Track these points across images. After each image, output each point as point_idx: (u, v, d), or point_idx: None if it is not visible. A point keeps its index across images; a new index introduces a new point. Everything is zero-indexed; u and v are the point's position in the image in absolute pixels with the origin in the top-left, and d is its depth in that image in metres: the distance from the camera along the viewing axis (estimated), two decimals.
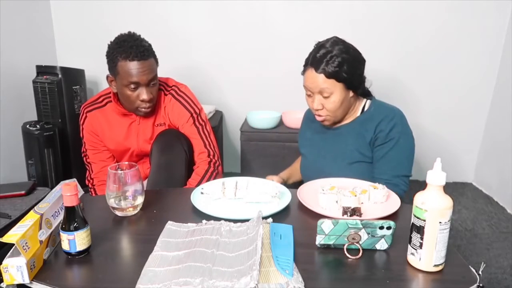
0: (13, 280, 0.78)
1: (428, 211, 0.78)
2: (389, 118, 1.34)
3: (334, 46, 1.30)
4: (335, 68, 1.28)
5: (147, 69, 1.42)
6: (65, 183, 0.90)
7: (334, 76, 1.29)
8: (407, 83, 2.61)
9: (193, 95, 1.61)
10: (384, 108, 1.39)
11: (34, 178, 2.16)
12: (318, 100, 1.34)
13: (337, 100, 1.32)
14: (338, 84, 1.30)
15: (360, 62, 1.36)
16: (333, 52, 1.29)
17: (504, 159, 2.39)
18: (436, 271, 0.81)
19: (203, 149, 1.56)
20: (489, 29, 2.47)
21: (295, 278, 0.76)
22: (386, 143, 1.33)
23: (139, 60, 1.40)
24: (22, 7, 2.31)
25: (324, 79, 1.30)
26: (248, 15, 2.55)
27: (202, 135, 1.57)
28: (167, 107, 1.57)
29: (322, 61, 1.29)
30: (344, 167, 1.35)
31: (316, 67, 1.30)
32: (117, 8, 2.56)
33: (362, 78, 1.38)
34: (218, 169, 1.56)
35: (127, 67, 1.40)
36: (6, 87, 2.16)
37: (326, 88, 1.30)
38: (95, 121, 1.57)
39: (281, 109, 2.50)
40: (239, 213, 1.05)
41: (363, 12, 2.48)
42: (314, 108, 1.37)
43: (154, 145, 1.52)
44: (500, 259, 1.81)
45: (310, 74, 1.32)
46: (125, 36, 1.45)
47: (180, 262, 0.82)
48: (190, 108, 1.57)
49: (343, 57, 1.29)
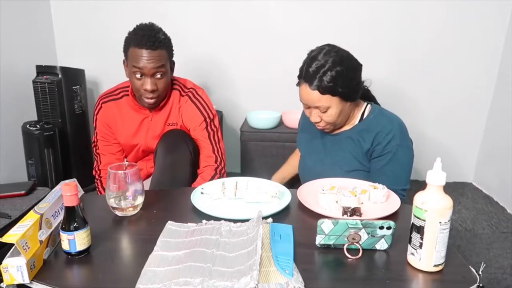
0: (13, 280, 0.78)
1: (428, 211, 0.78)
2: (387, 130, 1.30)
3: (327, 58, 1.25)
4: (329, 84, 1.24)
5: (153, 59, 1.42)
6: (65, 183, 0.90)
7: (329, 92, 1.25)
8: (407, 83, 2.61)
9: (209, 100, 1.62)
10: (383, 118, 1.34)
11: (34, 178, 2.16)
12: (316, 113, 1.32)
13: (333, 113, 1.29)
14: (334, 98, 1.27)
15: (355, 70, 1.31)
16: (326, 66, 1.24)
17: (504, 159, 2.39)
18: (436, 271, 0.81)
19: (211, 154, 1.56)
20: (489, 30, 2.47)
21: (295, 278, 0.76)
22: (383, 156, 1.30)
23: (147, 49, 1.41)
24: (22, 7, 2.31)
25: (318, 95, 1.26)
26: (248, 15, 2.55)
27: (212, 141, 1.57)
28: (182, 108, 1.57)
29: (315, 77, 1.25)
30: (342, 175, 1.30)
31: (310, 83, 1.26)
32: (117, 8, 2.56)
33: (359, 85, 1.33)
34: (224, 176, 1.56)
35: (135, 53, 1.43)
36: (6, 87, 2.16)
37: (322, 105, 1.28)
38: (109, 113, 1.57)
39: (281, 109, 2.50)
40: (239, 213, 1.05)
41: (363, 13, 2.48)
42: (314, 121, 1.35)
43: (159, 145, 1.52)
44: (500, 259, 1.82)
45: (305, 90, 1.29)
46: (144, 25, 1.48)
47: (180, 262, 0.82)
48: (205, 112, 1.57)
49: (337, 70, 1.24)
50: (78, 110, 2.33)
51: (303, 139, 1.53)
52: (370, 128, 1.33)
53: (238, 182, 1.18)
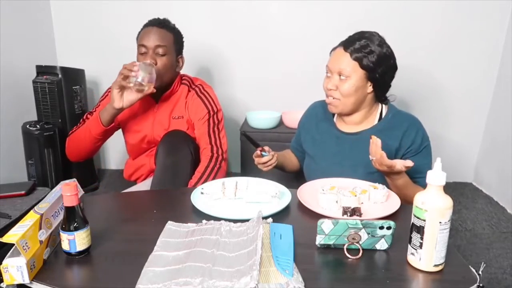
0: (13, 280, 0.78)
1: (428, 211, 0.79)
2: (415, 127, 1.35)
3: (373, 36, 1.32)
4: (363, 53, 1.28)
5: (157, 36, 1.50)
6: (65, 183, 0.90)
7: (359, 60, 1.28)
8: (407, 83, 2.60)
9: (215, 96, 1.67)
10: (404, 115, 1.39)
11: (34, 178, 2.16)
12: (334, 81, 1.33)
13: (352, 84, 1.30)
14: (360, 70, 1.29)
15: (388, 63, 1.33)
16: (368, 39, 1.30)
17: (504, 159, 2.39)
18: (436, 271, 0.81)
19: (207, 145, 1.58)
20: (489, 29, 2.47)
21: (295, 278, 0.76)
22: (421, 152, 1.35)
23: (153, 26, 1.51)
24: (22, 7, 2.31)
25: (348, 59, 1.29)
26: (248, 15, 2.55)
27: (211, 132, 1.60)
28: (189, 102, 1.62)
29: (355, 43, 1.30)
30: (365, 176, 1.27)
31: (346, 46, 1.31)
32: (117, 8, 2.56)
33: (388, 82, 1.37)
34: (221, 164, 1.56)
35: (143, 32, 1.53)
36: (6, 87, 2.16)
37: (345, 70, 1.29)
38: None
39: (281, 109, 2.50)
40: (239, 213, 1.05)
41: (363, 13, 2.48)
42: (328, 88, 1.35)
43: (160, 146, 1.52)
44: (500, 259, 1.81)
45: (338, 52, 1.33)
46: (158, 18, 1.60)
47: (180, 262, 0.82)
48: (209, 105, 1.62)
49: (376, 48, 1.29)
50: (78, 110, 2.32)
51: (310, 140, 1.49)
52: (395, 126, 1.36)
53: (238, 182, 1.18)
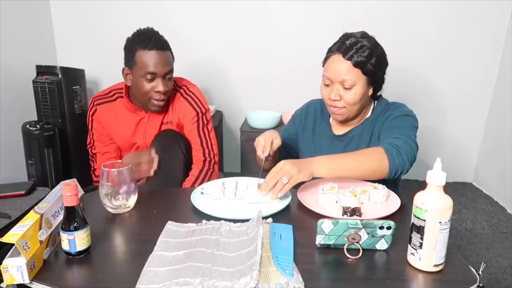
0: (13, 280, 0.78)
1: (428, 211, 0.78)
2: (394, 105, 1.33)
3: (364, 38, 1.26)
4: (364, 58, 1.22)
5: (165, 60, 1.44)
6: (65, 183, 0.90)
7: (361, 66, 1.23)
8: (407, 83, 2.61)
9: (202, 95, 1.63)
10: (391, 103, 1.37)
11: (34, 178, 2.16)
12: (337, 91, 1.26)
13: (358, 93, 1.25)
14: (363, 76, 1.24)
15: (385, 62, 1.31)
16: (363, 42, 1.24)
17: (504, 159, 2.39)
18: (436, 271, 0.81)
19: (199, 148, 1.57)
20: (489, 30, 2.47)
21: (295, 278, 0.76)
22: (392, 120, 1.29)
23: (157, 50, 1.42)
24: (22, 7, 2.31)
25: (350, 67, 1.23)
26: (248, 15, 2.55)
27: (201, 134, 1.58)
28: (175, 105, 1.59)
29: (352, 48, 1.23)
30: None
31: (344, 53, 1.23)
32: (117, 8, 2.56)
33: (383, 80, 1.34)
34: (214, 167, 1.56)
35: (145, 56, 1.41)
36: (6, 87, 2.16)
37: (349, 79, 1.23)
38: (105, 115, 1.58)
39: (281, 109, 2.50)
40: (239, 213, 1.05)
41: (363, 12, 2.48)
42: (331, 99, 1.28)
43: (152, 146, 1.52)
44: (500, 259, 1.81)
45: (336, 60, 1.25)
46: (144, 29, 1.48)
47: (180, 262, 0.82)
48: (197, 107, 1.59)
49: (373, 49, 1.24)
50: (78, 110, 2.32)
51: (306, 139, 1.47)
52: (380, 113, 1.33)
53: (238, 182, 1.18)
